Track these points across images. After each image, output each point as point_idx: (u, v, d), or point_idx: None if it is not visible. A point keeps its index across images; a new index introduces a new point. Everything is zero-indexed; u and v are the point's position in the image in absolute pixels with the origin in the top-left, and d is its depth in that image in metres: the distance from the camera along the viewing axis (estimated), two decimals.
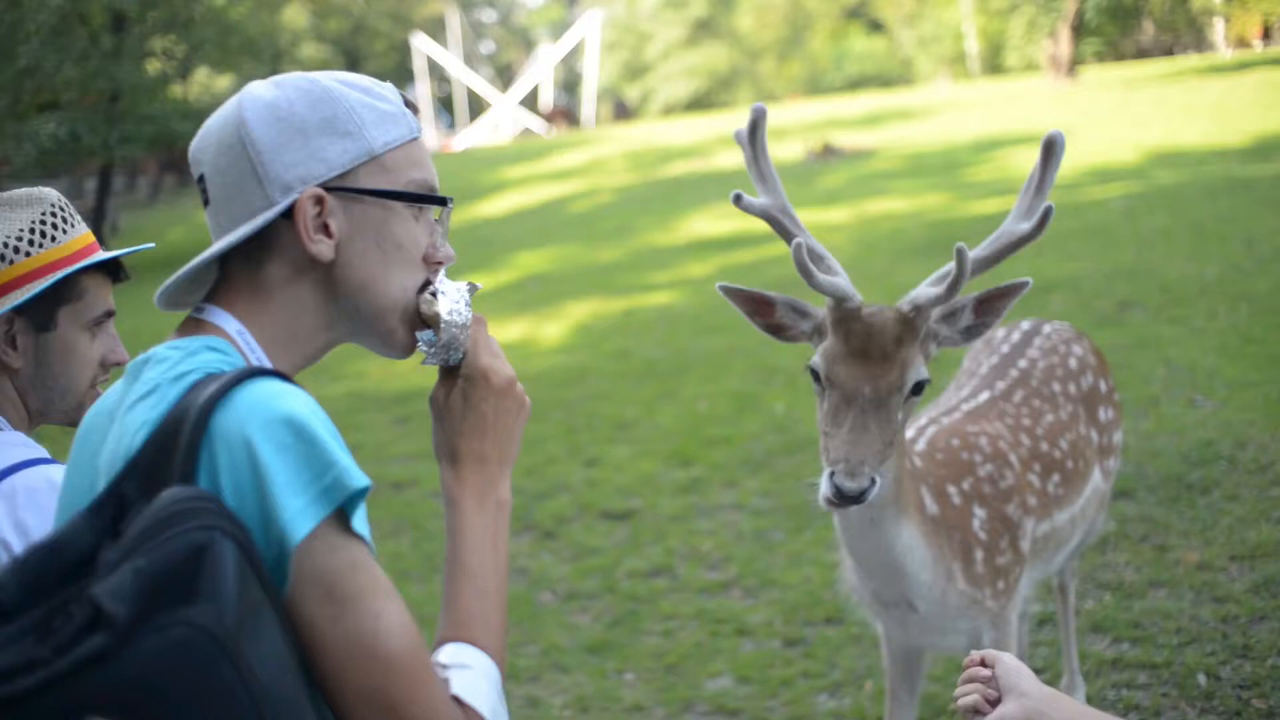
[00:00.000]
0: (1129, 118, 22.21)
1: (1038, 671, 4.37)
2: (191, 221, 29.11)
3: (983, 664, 1.79)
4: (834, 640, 4.80)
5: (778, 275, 12.28)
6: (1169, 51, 47.88)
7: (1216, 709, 3.97)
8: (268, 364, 1.51)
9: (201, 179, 1.55)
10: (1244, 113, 20.33)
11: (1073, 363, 3.78)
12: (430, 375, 1.66)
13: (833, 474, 2.57)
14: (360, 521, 1.38)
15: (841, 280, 2.72)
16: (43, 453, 2.18)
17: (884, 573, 2.97)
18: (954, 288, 2.64)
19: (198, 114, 23.78)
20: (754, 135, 2.88)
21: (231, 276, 1.55)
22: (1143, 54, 47.78)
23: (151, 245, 2.51)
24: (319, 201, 1.50)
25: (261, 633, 1.28)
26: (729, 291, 2.86)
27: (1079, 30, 35.47)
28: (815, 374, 2.75)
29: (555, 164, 29.86)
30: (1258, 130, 17.86)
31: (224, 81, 35.74)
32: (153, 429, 1.38)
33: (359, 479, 1.37)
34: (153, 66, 25.23)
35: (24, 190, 2.26)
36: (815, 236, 2.91)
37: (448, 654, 1.49)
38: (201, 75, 32.09)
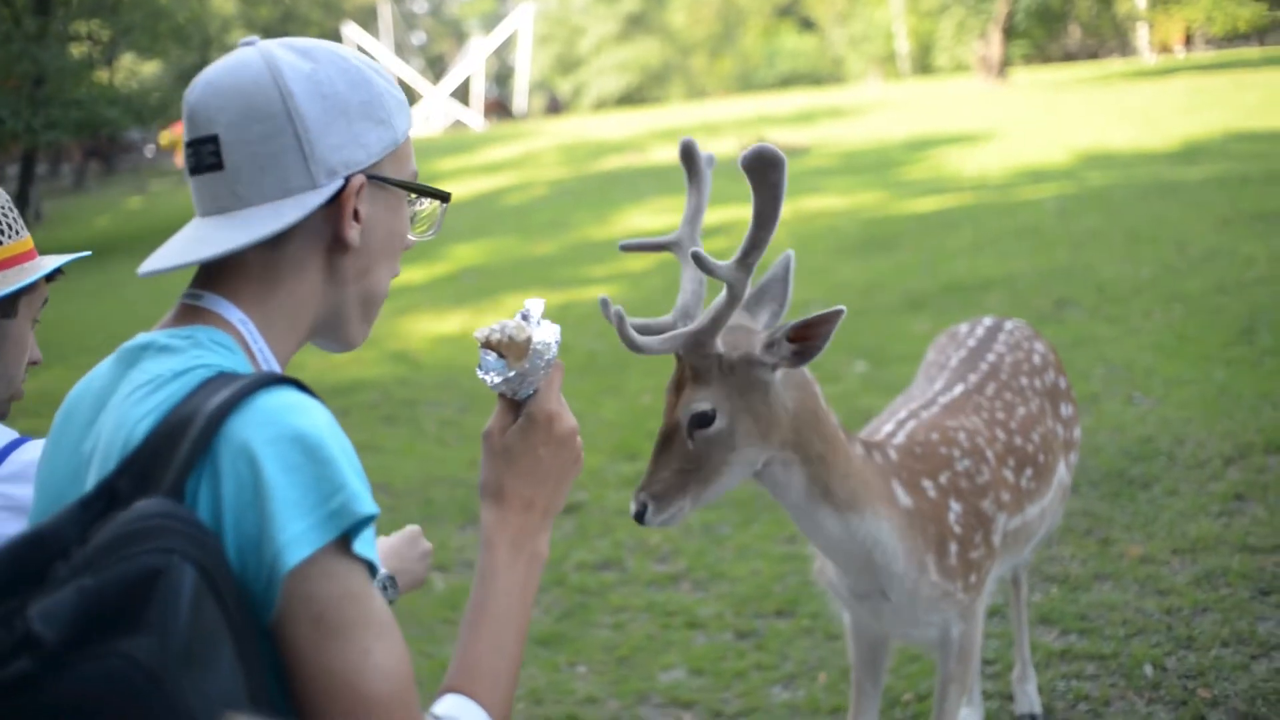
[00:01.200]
0: (1059, 120, 22.52)
1: (988, 662, 4.42)
2: (118, 210, 28.68)
3: None
4: (785, 632, 4.83)
5: None
6: (1094, 55, 48.66)
7: (1164, 699, 4.04)
8: (271, 357, 1.46)
9: (212, 140, 1.44)
10: (1171, 117, 20.70)
11: (1036, 359, 3.83)
12: (368, 366, 1.63)
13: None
14: (365, 545, 1.31)
15: (659, 340, 2.69)
16: (13, 434, 2.16)
17: (854, 563, 2.99)
18: (718, 319, 2.67)
19: (124, 99, 23.46)
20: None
21: (239, 258, 1.46)
22: (1069, 57, 48.54)
23: (88, 254, 2.52)
24: (359, 190, 1.47)
25: (212, 667, 1.19)
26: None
27: (1009, 32, 35.93)
28: None
29: (488, 157, 29.75)
30: (1185, 134, 18.19)
31: (151, 67, 35.25)
32: (154, 425, 1.31)
33: (367, 506, 1.30)
34: (78, 50, 24.85)
35: None
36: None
37: (446, 706, 1.42)
38: (128, 60, 31.61)
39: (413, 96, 50.35)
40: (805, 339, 2.72)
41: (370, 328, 1.60)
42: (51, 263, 2.21)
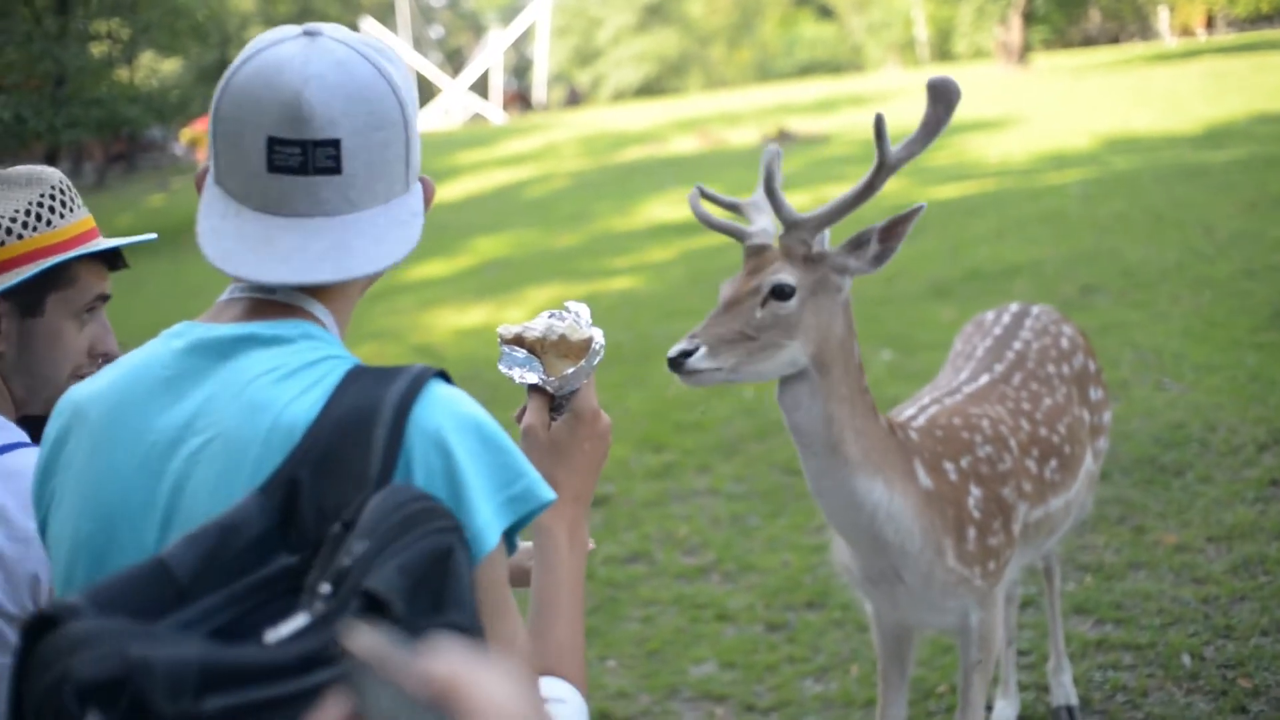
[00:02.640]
0: (1081, 104, 22.39)
1: (1023, 653, 4.39)
2: (140, 207, 28.78)
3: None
4: (817, 625, 4.79)
5: (739, 261, 12.26)
6: (1115, 39, 48.37)
7: (1203, 689, 3.99)
8: (346, 352, 1.45)
9: (333, 144, 1.39)
10: (1193, 100, 20.55)
11: (1064, 343, 3.79)
12: (390, 360, 1.63)
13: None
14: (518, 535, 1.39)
15: (738, 224, 2.99)
16: (23, 437, 2.09)
17: (858, 536, 2.96)
18: (866, 192, 2.86)
19: (145, 98, 23.53)
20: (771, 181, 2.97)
21: None
22: (1089, 42, 48.26)
23: (154, 236, 2.42)
24: None
25: (484, 639, 1.27)
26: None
27: (1028, 17, 35.73)
28: None
29: (508, 149, 29.75)
30: (1208, 118, 18.05)
31: (170, 65, 35.36)
32: (316, 414, 1.31)
33: (547, 491, 1.37)
34: (98, 49, 24.90)
35: (25, 168, 2.17)
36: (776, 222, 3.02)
37: (548, 688, 1.50)
38: (148, 59, 31.66)
39: (432, 90, 50.39)
40: (887, 239, 2.90)
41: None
42: (44, 260, 2.11)
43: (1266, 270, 8.88)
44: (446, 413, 1.34)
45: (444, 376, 1.39)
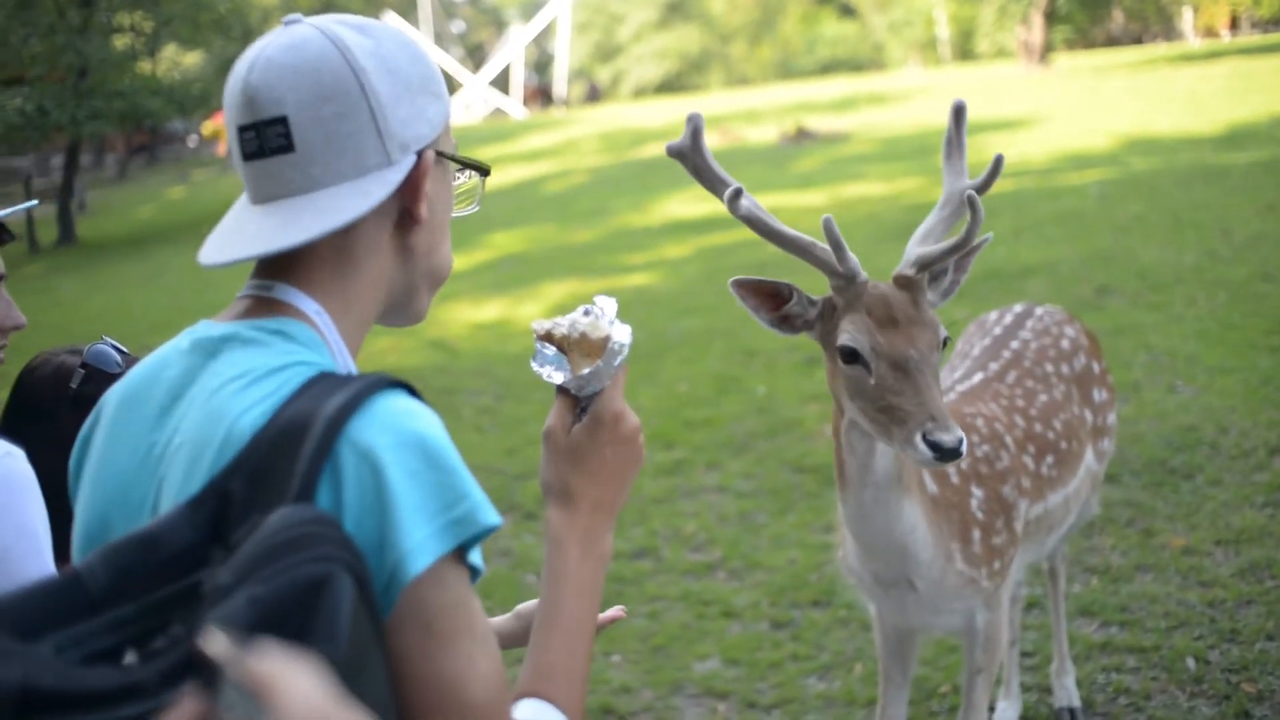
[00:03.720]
0: (1102, 105, 22.29)
1: (1026, 654, 4.38)
2: (162, 199, 28.91)
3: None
4: (821, 623, 4.79)
5: (756, 258, 12.28)
6: (1138, 40, 48.15)
7: (1206, 693, 3.98)
8: (345, 351, 1.43)
9: (280, 122, 1.39)
10: (1215, 101, 20.44)
11: (1065, 344, 3.78)
12: (405, 354, 1.61)
13: (925, 435, 2.53)
14: (477, 555, 1.31)
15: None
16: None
17: (887, 553, 2.95)
18: (969, 236, 2.62)
19: (167, 90, 23.61)
20: (696, 143, 2.82)
21: (313, 244, 1.42)
22: (1112, 42, 48.03)
23: (35, 203, 2.44)
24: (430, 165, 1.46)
25: (369, 676, 1.19)
26: (742, 285, 2.76)
27: (1051, 17, 35.59)
28: (852, 353, 2.68)
29: (528, 145, 29.76)
30: (1230, 119, 17.95)
31: (192, 58, 35.43)
32: (262, 423, 1.28)
33: (491, 516, 1.29)
34: (121, 42, 24.97)
35: None
36: (791, 220, 2.97)
37: (525, 711, 1.42)
38: (170, 51, 31.77)
39: (453, 85, 50.44)
40: (961, 269, 2.84)
41: (432, 299, 1.58)
42: None
43: None
44: (386, 428, 1.27)
45: (405, 388, 1.34)
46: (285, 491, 1.24)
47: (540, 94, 52.16)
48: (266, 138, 1.40)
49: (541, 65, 63.20)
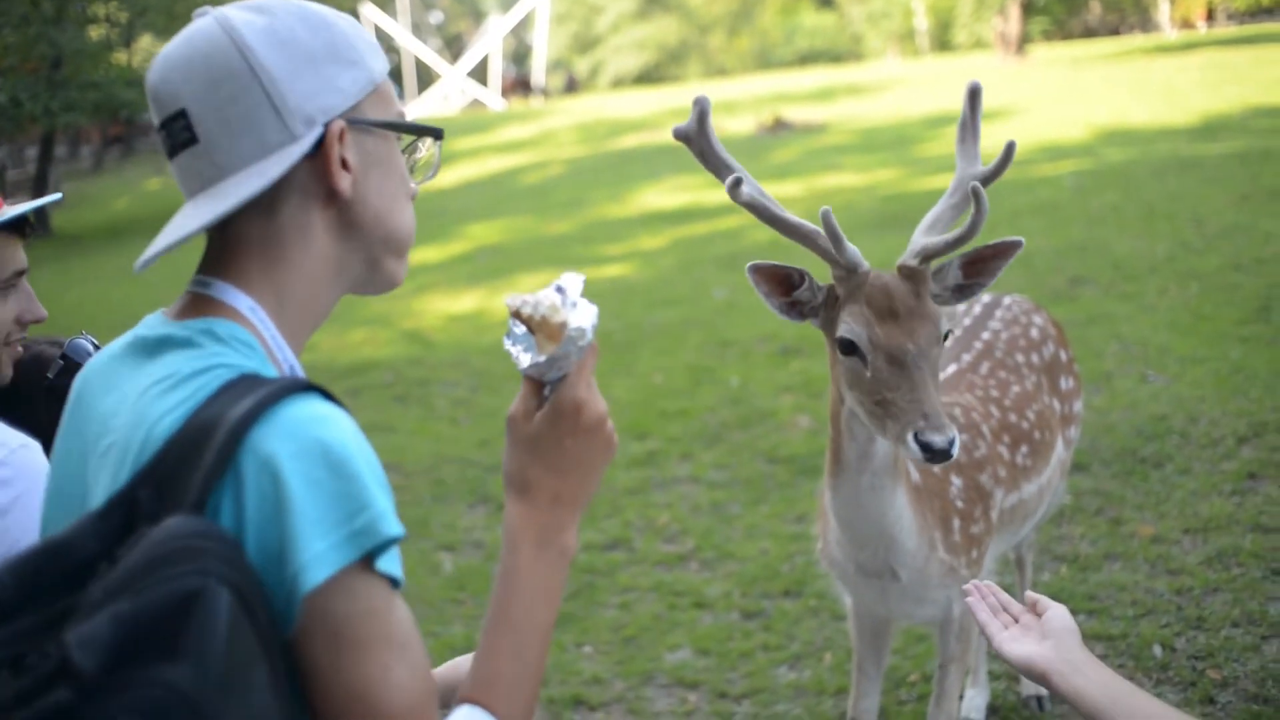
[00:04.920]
0: (1078, 96, 22.36)
1: None
2: (138, 191, 28.75)
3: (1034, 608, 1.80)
4: (792, 613, 4.81)
5: (731, 249, 12.30)
6: (1115, 31, 48.27)
7: (1172, 679, 4.01)
8: (284, 344, 1.42)
9: (181, 115, 1.39)
10: (1191, 93, 20.52)
11: (1034, 333, 3.80)
12: (381, 346, 1.59)
13: (916, 434, 2.52)
14: (388, 561, 1.27)
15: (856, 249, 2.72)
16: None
17: (875, 541, 2.94)
18: (973, 229, 2.58)
19: (142, 81, 23.43)
20: (702, 126, 2.79)
21: (238, 235, 1.41)
22: (1089, 33, 48.14)
23: (58, 196, 2.43)
24: (340, 135, 1.41)
25: (250, 691, 1.16)
26: (758, 269, 2.72)
27: (1028, 8, 35.66)
28: (850, 344, 2.66)
29: (505, 136, 29.71)
30: (1205, 110, 18.02)
31: None
32: (175, 429, 1.27)
33: (393, 527, 1.25)
34: (95, 33, 24.82)
35: None
36: None
37: (459, 718, 1.38)
38: (146, 42, 31.58)
39: (431, 76, 50.28)
40: (973, 272, 2.72)
41: (405, 263, 1.54)
42: None
43: (1255, 263, 8.88)
44: (290, 435, 1.24)
45: (319, 391, 1.31)
46: (185, 500, 1.22)
47: (519, 85, 52.04)
48: (174, 133, 1.40)
49: (520, 56, 63.08)
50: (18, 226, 2.21)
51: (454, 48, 61.17)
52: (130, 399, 1.36)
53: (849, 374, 2.69)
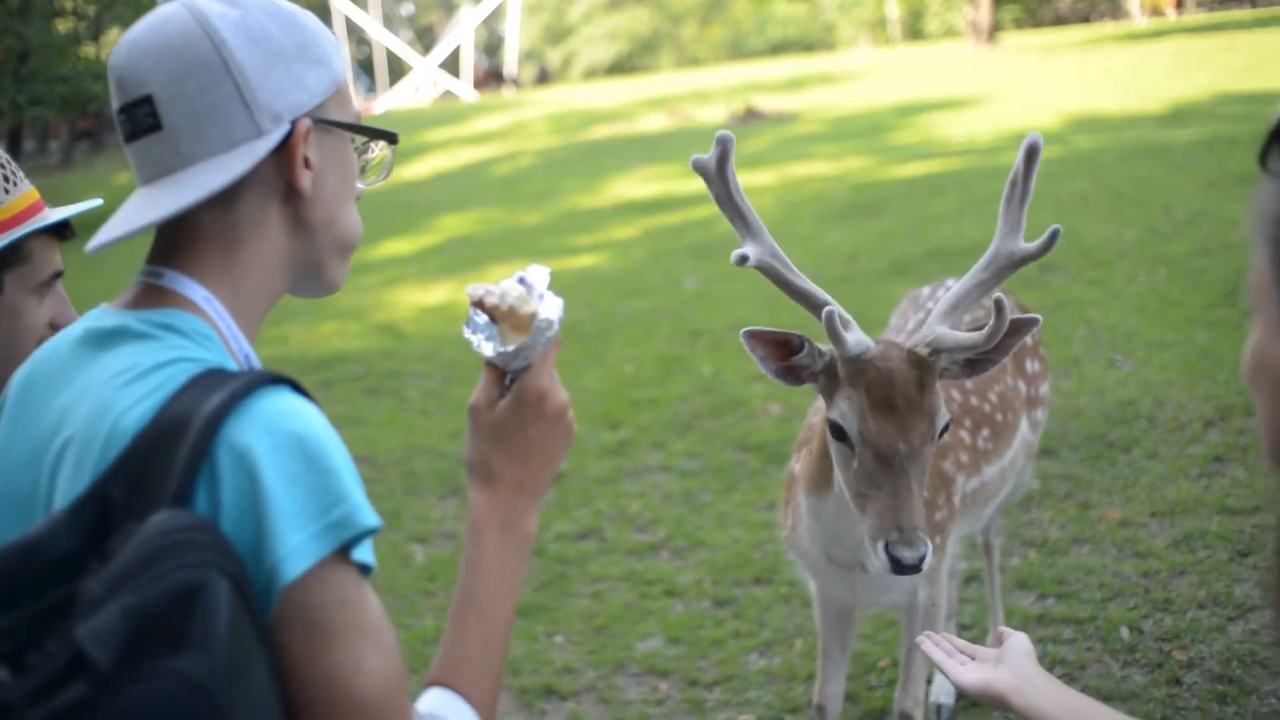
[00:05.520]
0: (1049, 84, 22.43)
1: (964, 628, 4.42)
2: (108, 185, 28.50)
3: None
4: (763, 600, 4.82)
5: (702, 239, 12.30)
6: (1086, 19, 48.45)
7: (1139, 661, 4.04)
8: (240, 335, 1.42)
9: (146, 101, 1.38)
10: (1160, 80, 20.60)
11: None
12: (352, 338, 1.59)
13: (887, 544, 2.46)
14: (363, 551, 1.29)
15: (862, 335, 2.57)
16: None
17: (851, 540, 2.94)
18: (990, 338, 2.48)
19: None
20: (722, 167, 2.65)
21: (194, 225, 1.41)
22: (1060, 21, 48.30)
23: (99, 202, 2.41)
24: (306, 134, 1.42)
25: (251, 679, 1.18)
26: (753, 335, 2.61)
27: None
28: (840, 430, 2.58)
29: (477, 127, 29.62)
30: (1174, 97, 18.10)
31: None
32: (145, 422, 1.26)
33: (369, 518, 1.27)
34: (63, 26, 24.66)
35: None
36: None
37: (429, 701, 1.40)
38: (114, 35, 31.35)
39: (402, 68, 50.10)
40: (998, 349, 2.59)
41: (348, 266, 1.55)
42: (4, 234, 2.10)
43: (1222, 248, 8.94)
44: (264, 428, 1.25)
45: (289, 384, 1.31)
46: (162, 495, 1.22)
47: (491, 76, 51.92)
48: (137, 118, 1.39)
49: (492, 48, 62.90)
50: (58, 230, 2.20)
51: (425, 39, 60.92)
52: (88, 392, 1.35)
53: (837, 456, 2.63)
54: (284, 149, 1.41)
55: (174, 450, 1.24)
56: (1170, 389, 6.31)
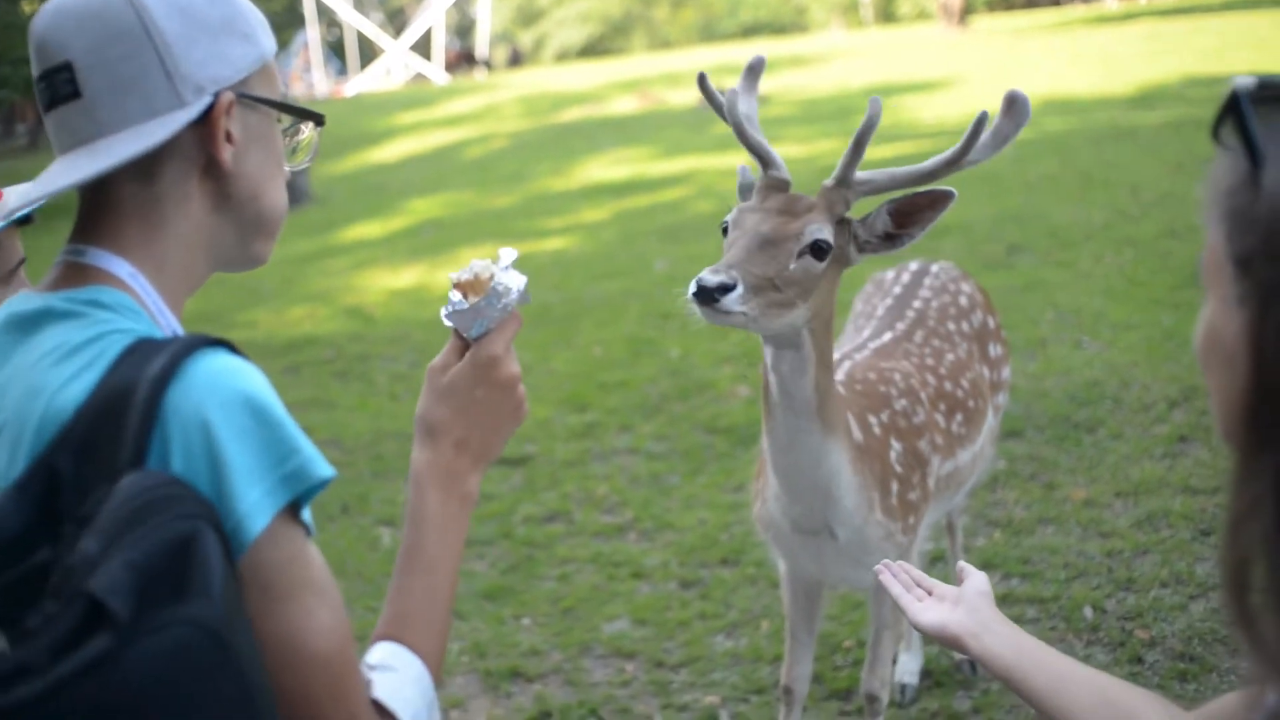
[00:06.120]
0: (1019, 66, 22.48)
1: None
2: None
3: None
4: (730, 581, 4.83)
5: (673, 221, 12.29)
6: (1057, 2, 48.54)
7: (1102, 640, 4.07)
8: (166, 309, 1.41)
9: (66, 68, 1.37)
10: (1130, 62, 20.68)
11: (963, 300, 3.82)
12: (321, 322, 1.59)
13: (699, 277, 2.52)
14: (306, 513, 1.32)
15: (771, 150, 2.76)
16: None
17: (810, 494, 2.93)
18: (959, 157, 2.67)
19: None
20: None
21: (115, 200, 1.40)
22: (1032, 4, 48.39)
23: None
24: (228, 107, 1.41)
25: (244, 626, 1.22)
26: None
27: None
28: (724, 229, 2.71)
29: (448, 110, 29.50)
30: (1143, 79, 18.18)
31: None
32: (85, 396, 1.26)
33: (324, 468, 1.31)
34: (29, 7, 24.40)
35: None
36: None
37: (378, 654, 1.43)
38: None
39: (373, 51, 49.81)
40: (902, 222, 2.69)
41: (274, 243, 1.55)
42: None
43: (1189, 230, 8.98)
44: (210, 388, 1.27)
45: (224, 345, 1.32)
46: (116, 462, 1.23)
47: (462, 59, 51.66)
48: (56, 85, 1.38)
49: (463, 30, 62.61)
50: (22, 218, 2.19)
51: (396, 22, 60.57)
52: (17, 377, 1.35)
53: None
54: (205, 121, 1.40)
55: (122, 419, 1.24)
56: (1135, 370, 6.35)
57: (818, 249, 2.64)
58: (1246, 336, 1.01)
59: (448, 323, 1.59)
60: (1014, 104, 2.66)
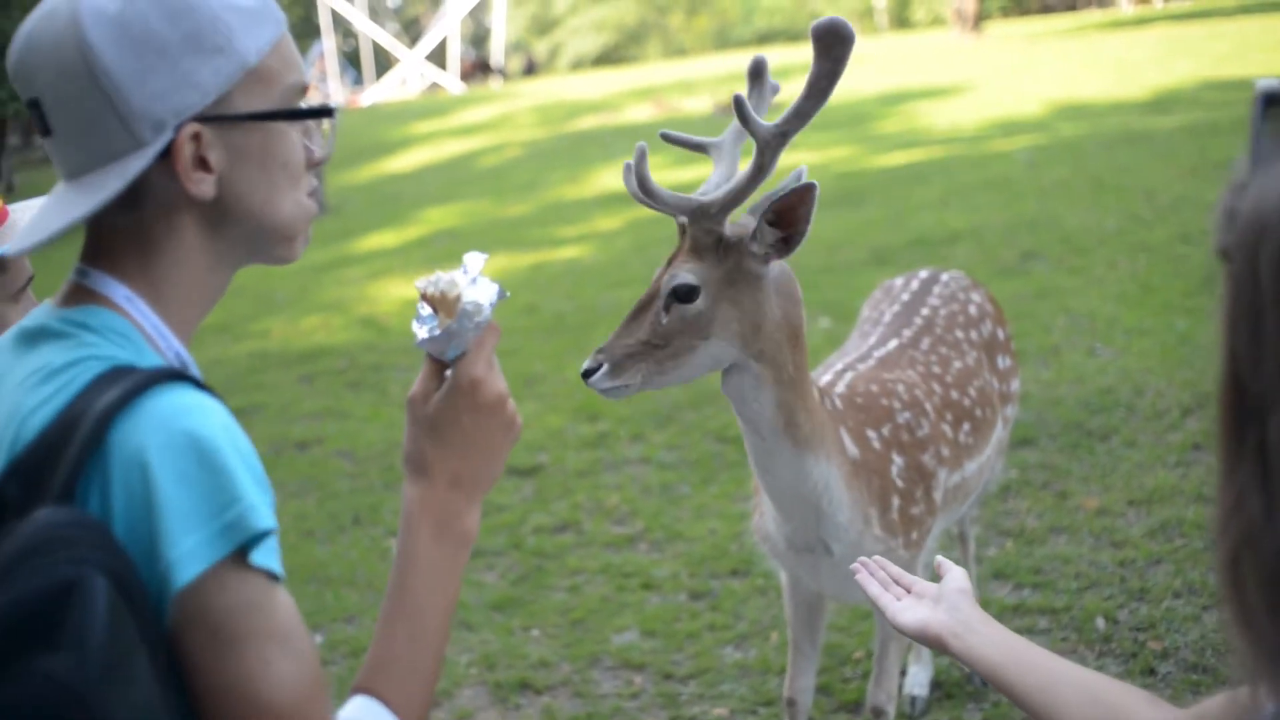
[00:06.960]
0: (1033, 72, 22.42)
1: None
2: None
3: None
4: (740, 592, 4.81)
5: None
6: (1072, 7, 48.42)
7: (1114, 651, 4.04)
8: (168, 332, 1.36)
9: (36, 104, 1.32)
10: (1144, 67, 20.60)
11: (973, 310, 3.79)
12: (335, 332, 1.56)
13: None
14: (265, 555, 1.24)
15: (672, 195, 2.73)
16: None
17: (800, 511, 2.92)
18: (745, 188, 2.72)
19: None
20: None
21: (109, 227, 1.36)
22: (1047, 9, 48.27)
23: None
24: (195, 137, 1.32)
25: (133, 680, 1.14)
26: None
27: None
28: None
29: (463, 119, 29.54)
30: (1157, 84, 18.11)
31: None
32: (47, 423, 1.23)
33: (264, 520, 1.23)
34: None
35: None
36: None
37: (349, 709, 1.35)
38: None
39: (389, 60, 49.95)
40: (785, 224, 2.70)
41: (305, 240, 1.46)
42: None
43: (1203, 235, 8.93)
44: (156, 427, 1.21)
45: (188, 381, 1.27)
46: (50, 493, 1.19)
47: (478, 68, 51.76)
48: (36, 118, 1.34)
49: (478, 39, 62.75)
50: None
51: (412, 31, 60.80)
52: (5, 392, 1.34)
53: None
54: (168, 159, 1.33)
55: (64, 450, 1.21)
56: (1149, 377, 6.31)
57: (681, 294, 2.67)
58: (1221, 330, 1.01)
59: (416, 340, 1.48)
60: (823, 37, 2.59)
